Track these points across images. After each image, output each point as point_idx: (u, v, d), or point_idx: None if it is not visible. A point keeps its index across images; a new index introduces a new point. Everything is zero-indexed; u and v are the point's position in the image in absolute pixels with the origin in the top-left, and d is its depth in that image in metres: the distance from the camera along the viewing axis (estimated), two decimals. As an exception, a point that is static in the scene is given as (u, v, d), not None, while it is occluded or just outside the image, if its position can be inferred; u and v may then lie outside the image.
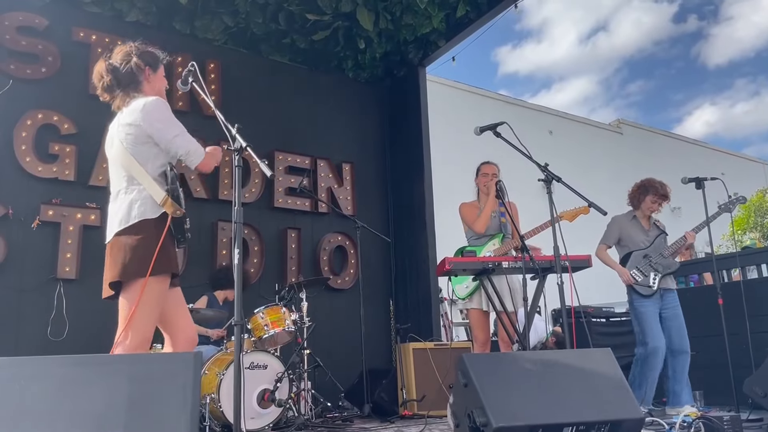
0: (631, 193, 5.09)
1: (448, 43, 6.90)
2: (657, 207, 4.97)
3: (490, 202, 4.59)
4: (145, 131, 2.77)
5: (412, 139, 6.99)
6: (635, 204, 5.04)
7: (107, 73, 2.93)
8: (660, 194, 4.93)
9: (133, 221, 2.71)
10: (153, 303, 2.65)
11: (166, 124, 2.80)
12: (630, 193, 5.10)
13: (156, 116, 2.79)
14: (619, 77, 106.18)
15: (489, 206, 4.60)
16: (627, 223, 5.01)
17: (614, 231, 5.02)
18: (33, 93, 5.25)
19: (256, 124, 5.74)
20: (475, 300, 4.50)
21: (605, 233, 5.07)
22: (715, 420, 3.10)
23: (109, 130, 2.97)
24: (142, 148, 2.78)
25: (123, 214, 2.74)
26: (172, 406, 1.49)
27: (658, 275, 4.78)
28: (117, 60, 2.96)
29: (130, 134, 2.79)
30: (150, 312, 2.65)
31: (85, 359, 1.60)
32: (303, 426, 4.40)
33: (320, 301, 5.88)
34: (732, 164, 21.11)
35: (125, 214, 2.74)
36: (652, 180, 5.01)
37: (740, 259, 5.71)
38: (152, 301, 2.64)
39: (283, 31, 6.53)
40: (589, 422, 2.35)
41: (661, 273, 4.78)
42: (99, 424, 1.46)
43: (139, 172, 2.75)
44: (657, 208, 4.98)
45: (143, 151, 2.78)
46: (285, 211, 6.43)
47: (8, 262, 4.89)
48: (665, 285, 4.81)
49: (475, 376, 2.38)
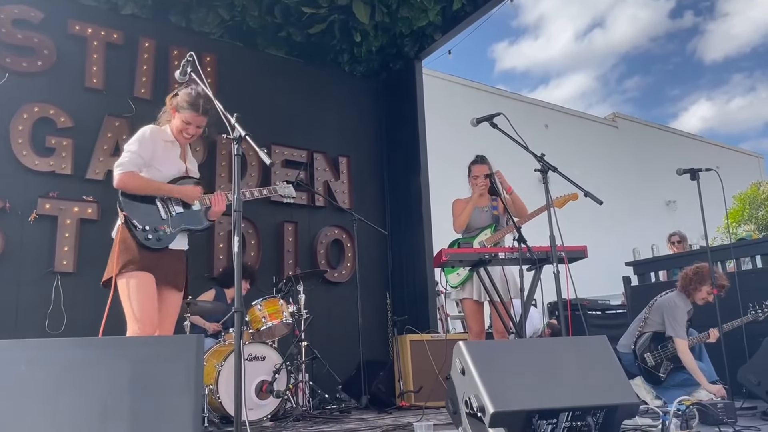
0: (686, 279, 4.77)
1: (444, 36, 6.91)
2: (712, 300, 4.56)
3: (471, 203, 4.62)
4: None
5: (408, 133, 7.00)
6: (689, 291, 4.74)
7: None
8: (719, 285, 4.55)
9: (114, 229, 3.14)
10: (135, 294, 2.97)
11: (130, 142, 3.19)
12: (685, 278, 4.78)
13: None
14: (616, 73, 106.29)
15: (469, 208, 4.63)
16: (686, 312, 4.69)
17: (681, 318, 4.66)
18: (29, 86, 5.25)
19: (252, 118, 5.68)
20: (467, 289, 4.52)
21: (680, 323, 4.65)
22: (709, 407, 3.13)
23: None
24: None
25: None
26: (175, 388, 1.51)
27: (670, 365, 4.63)
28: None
29: None
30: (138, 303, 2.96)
31: (89, 342, 1.62)
32: (301, 417, 4.42)
33: (317, 293, 5.90)
34: (727, 158, 21.17)
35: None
36: (710, 268, 4.63)
37: (735, 251, 5.75)
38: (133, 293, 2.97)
39: (278, 25, 6.53)
40: (584, 407, 2.38)
41: (673, 364, 4.63)
42: (103, 406, 1.48)
43: None
44: (711, 301, 4.57)
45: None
46: (282, 205, 6.43)
47: (6, 255, 4.90)
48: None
49: (472, 363, 2.40)
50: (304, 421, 4.35)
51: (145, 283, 3.00)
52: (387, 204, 7.21)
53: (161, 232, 3.09)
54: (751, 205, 19.26)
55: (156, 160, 3.17)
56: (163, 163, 3.20)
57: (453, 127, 10.52)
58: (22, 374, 1.47)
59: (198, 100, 3.17)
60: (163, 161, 3.20)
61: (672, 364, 4.63)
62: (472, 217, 4.69)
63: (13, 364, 1.48)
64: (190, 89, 3.22)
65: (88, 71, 5.54)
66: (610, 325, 6.80)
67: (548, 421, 2.36)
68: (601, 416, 2.42)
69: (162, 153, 3.20)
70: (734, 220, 18.90)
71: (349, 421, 4.32)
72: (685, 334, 4.61)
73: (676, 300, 4.76)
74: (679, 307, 4.70)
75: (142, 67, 5.82)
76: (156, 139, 3.18)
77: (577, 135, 17.50)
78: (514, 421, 2.30)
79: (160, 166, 3.18)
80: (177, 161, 3.29)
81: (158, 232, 3.08)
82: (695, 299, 4.73)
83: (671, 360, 4.64)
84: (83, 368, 1.51)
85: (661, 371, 4.64)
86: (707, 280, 4.61)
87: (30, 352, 1.54)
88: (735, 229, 18.24)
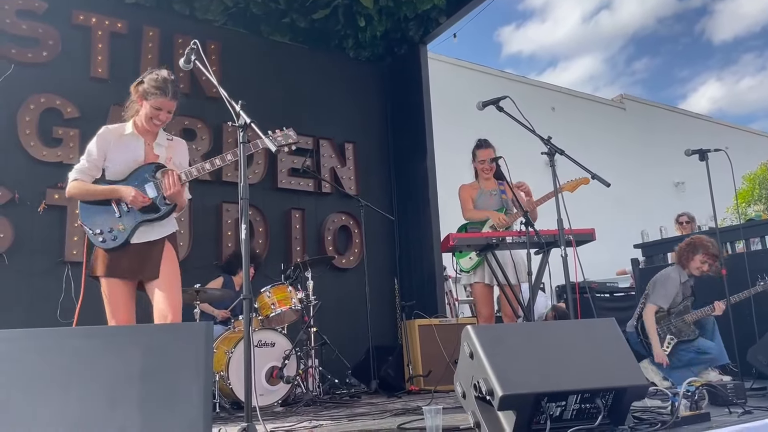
0: (679, 251, 4.86)
1: (449, 19, 6.86)
2: (707, 268, 4.69)
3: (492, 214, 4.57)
4: None
5: (414, 117, 6.98)
6: (683, 263, 4.81)
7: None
8: (710, 254, 4.66)
9: None
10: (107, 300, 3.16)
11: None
12: (678, 250, 4.88)
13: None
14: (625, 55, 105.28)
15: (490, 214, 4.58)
16: (682, 285, 4.76)
17: (671, 290, 4.74)
18: (35, 77, 5.26)
19: (257, 105, 5.71)
20: (479, 274, 4.52)
21: (660, 292, 4.76)
22: (719, 387, 3.13)
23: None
24: None
25: None
26: (185, 376, 1.53)
27: (673, 339, 4.65)
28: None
29: None
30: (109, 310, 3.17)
31: (98, 330, 1.64)
32: (311, 402, 4.46)
33: (326, 280, 5.93)
34: (737, 138, 20.95)
35: None
36: (702, 238, 4.80)
37: (744, 231, 5.72)
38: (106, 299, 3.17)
39: (282, 11, 6.50)
40: (593, 389, 2.38)
41: (676, 338, 4.64)
42: (113, 394, 1.49)
43: None
44: (707, 270, 4.69)
45: None
46: (288, 192, 6.45)
47: (16, 246, 4.94)
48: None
49: (481, 347, 2.41)
50: (315, 406, 4.38)
51: (113, 287, 3.14)
52: (393, 189, 7.20)
53: (116, 231, 3.14)
54: (760, 185, 19.10)
55: (109, 157, 3.22)
56: (115, 158, 3.23)
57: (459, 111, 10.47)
58: (33, 363, 1.49)
59: (166, 84, 3.16)
60: (115, 155, 3.23)
61: (675, 338, 4.64)
62: (481, 201, 4.68)
63: (23, 353, 1.50)
64: (155, 74, 3.20)
65: (93, 61, 5.54)
66: (619, 308, 6.79)
67: (557, 403, 2.36)
68: (610, 398, 2.43)
69: (114, 148, 3.23)
70: (744, 200, 18.77)
71: (359, 406, 4.35)
72: (660, 301, 4.69)
73: (670, 272, 4.84)
74: (670, 278, 4.76)
75: (147, 56, 5.81)
76: (106, 139, 3.23)
77: (584, 117, 17.36)
78: (523, 403, 2.30)
79: (112, 161, 3.22)
80: (133, 152, 3.26)
81: (113, 232, 3.14)
82: (690, 270, 4.78)
83: (674, 334, 4.66)
84: (93, 356, 1.53)
85: (664, 346, 4.66)
86: (699, 249, 4.70)
87: (40, 341, 1.56)
88: (744, 210, 18.13)
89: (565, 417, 2.40)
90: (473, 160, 4.79)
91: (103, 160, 3.20)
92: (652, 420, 2.60)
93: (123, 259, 3.14)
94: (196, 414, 1.48)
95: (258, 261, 5.67)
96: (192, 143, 5.84)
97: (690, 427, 2.47)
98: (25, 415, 1.46)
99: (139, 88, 3.22)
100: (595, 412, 2.41)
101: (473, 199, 4.71)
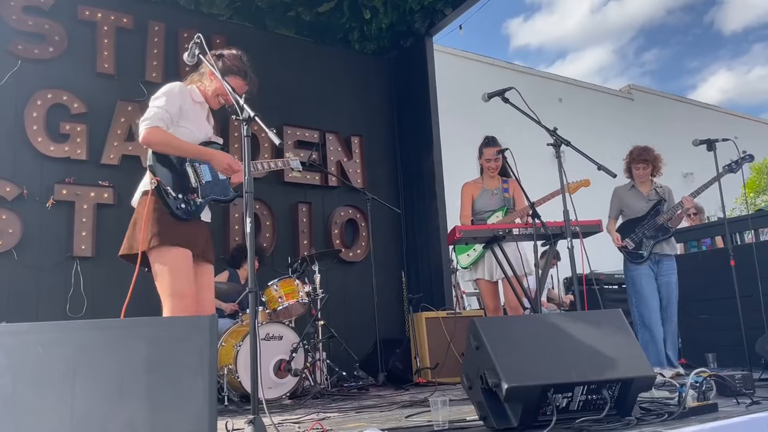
0: (624, 165, 5.17)
1: (455, 11, 6.82)
2: (643, 172, 4.99)
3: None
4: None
5: (420, 110, 6.96)
6: (629, 174, 5.13)
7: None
8: (635, 159, 4.99)
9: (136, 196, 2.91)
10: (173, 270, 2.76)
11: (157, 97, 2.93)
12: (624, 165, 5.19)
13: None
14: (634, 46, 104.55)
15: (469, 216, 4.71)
16: (626, 193, 5.09)
17: (614, 203, 5.14)
18: (41, 73, 5.28)
19: (264, 99, 5.71)
20: (479, 270, 4.53)
21: (610, 208, 5.17)
22: (727, 378, 3.12)
23: None
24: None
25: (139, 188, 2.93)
26: (190, 369, 1.54)
27: (650, 242, 4.83)
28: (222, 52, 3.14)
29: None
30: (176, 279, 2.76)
31: (103, 323, 1.65)
32: (319, 395, 4.48)
33: (333, 273, 5.94)
34: (745, 128, 20.77)
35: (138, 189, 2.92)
36: (633, 147, 5.11)
37: (753, 222, 5.68)
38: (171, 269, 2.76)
39: (287, 4, 6.49)
40: (600, 381, 2.38)
41: (653, 240, 4.83)
42: (120, 387, 1.51)
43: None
44: (645, 174, 5.00)
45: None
46: (295, 186, 6.46)
47: (25, 241, 4.97)
48: (661, 251, 4.86)
49: (487, 339, 2.41)
50: (323, 399, 4.40)
51: (182, 258, 2.78)
52: (400, 182, 7.20)
53: (192, 201, 2.84)
54: (768, 174, 18.96)
55: (184, 118, 2.91)
56: (193, 123, 2.95)
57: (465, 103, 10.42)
58: (40, 356, 1.51)
59: (246, 68, 3.06)
60: (192, 120, 2.95)
61: (652, 240, 4.83)
62: (483, 199, 4.69)
63: (30, 346, 1.52)
64: (239, 53, 3.07)
65: (100, 56, 5.56)
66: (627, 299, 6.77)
67: (563, 394, 2.36)
68: (617, 389, 2.43)
69: (191, 112, 2.96)
70: (752, 190, 18.62)
71: (367, 398, 4.36)
72: (611, 214, 5.12)
73: (616, 189, 5.15)
74: (614, 193, 5.14)
75: (153, 50, 5.82)
76: (185, 96, 2.95)
77: (592, 108, 17.26)
78: (529, 395, 2.31)
79: (189, 125, 2.93)
80: (205, 124, 3.05)
81: (190, 202, 2.83)
82: (637, 178, 5.04)
83: (651, 237, 4.84)
84: (99, 349, 1.54)
85: (643, 249, 4.85)
86: (631, 157, 5.03)
87: (46, 334, 1.57)
88: (753, 200, 17.99)
89: (572, 408, 2.40)
90: (479, 157, 4.78)
91: (176, 116, 2.87)
92: (659, 411, 2.59)
93: (197, 234, 2.90)
94: (201, 406, 1.50)
95: (262, 254, 5.68)
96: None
97: (697, 418, 2.46)
98: (32, 408, 1.48)
99: (218, 63, 2.98)
100: (602, 403, 2.41)
101: (474, 197, 4.72)
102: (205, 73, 3.09)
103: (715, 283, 5.10)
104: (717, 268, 5.11)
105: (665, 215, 4.85)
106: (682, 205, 4.79)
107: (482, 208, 4.69)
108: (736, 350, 4.59)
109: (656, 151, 5.06)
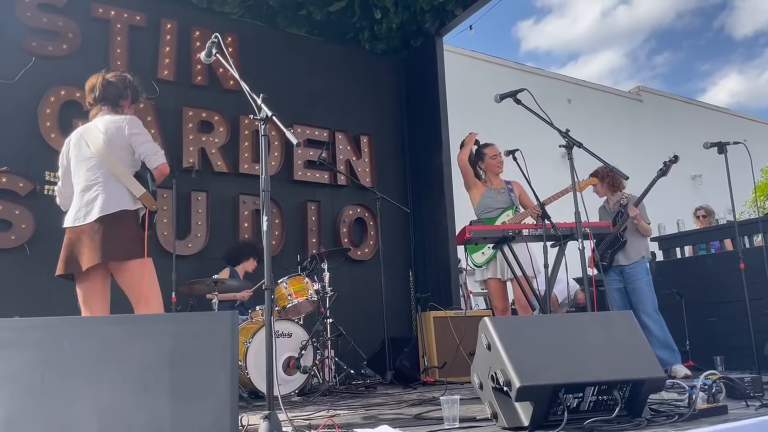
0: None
1: (466, 11, 6.83)
2: (600, 189, 5.33)
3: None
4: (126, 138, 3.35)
5: (430, 110, 6.97)
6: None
7: (101, 86, 3.54)
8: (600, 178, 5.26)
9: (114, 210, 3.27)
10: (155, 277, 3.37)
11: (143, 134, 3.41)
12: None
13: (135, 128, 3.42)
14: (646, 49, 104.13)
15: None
16: (600, 209, 5.42)
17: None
18: (55, 70, 5.32)
19: (274, 97, 5.67)
20: (492, 269, 4.55)
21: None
22: (737, 381, 3.12)
23: (82, 134, 3.53)
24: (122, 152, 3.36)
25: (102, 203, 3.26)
26: (212, 364, 1.57)
27: (608, 252, 5.08)
28: (113, 79, 3.58)
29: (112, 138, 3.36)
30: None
31: (128, 318, 1.69)
32: (328, 392, 4.50)
33: (342, 271, 5.96)
34: (756, 131, 20.64)
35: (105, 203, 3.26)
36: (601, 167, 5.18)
37: (763, 225, 5.66)
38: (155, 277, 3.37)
39: (299, 3, 6.51)
40: (611, 381, 2.39)
41: (610, 251, 5.08)
42: (144, 380, 1.54)
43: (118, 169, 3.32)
44: (602, 191, 5.35)
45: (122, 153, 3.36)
46: (304, 184, 6.49)
47: (38, 236, 5.02)
48: (617, 262, 5.08)
49: (498, 338, 2.42)
50: (331, 396, 4.42)
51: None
52: (409, 181, 7.21)
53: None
54: (778, 178, 18.81)
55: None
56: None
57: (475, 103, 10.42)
58: (67, 350, 1.54)
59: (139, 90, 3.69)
60: None
61: (609, 251, 5.11)
62: (490, 198, 4.71)
63: (59, 339, 1.55)
64: (125, 75, 3.65)
65: (113, 54, 5.59)
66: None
67: (574, 395, 2.38)
68: (628, 390, 2.44)
69: None
70: (762, 193, 18.52)
71: (374, 396, 4.38)
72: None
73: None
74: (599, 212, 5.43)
75: (165, 48, 5.86)
76: None
77: (601, 110, 17.20)
78: (540, 395, 2.32)
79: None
80: None
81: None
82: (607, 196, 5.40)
83: (608, 248, 5.11)
84: (124, 344, 1.57)
85: (605, 260, 5.13)
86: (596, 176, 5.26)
87: (74, 328, 1.61)
88: (763, 203, 17.91)
89: (583, 408, 2.42)
90: (481, 160, 4.80)
91: None
92: (669, 412, 2.59)
93: None
94: (223, 400, 1.52)
95: (262, 254, 5.69)
96: (209, 135, 5.89)
97: (707, 420, 2.47)
98: (60, 400, 1.51)
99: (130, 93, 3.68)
100: (613, 404, 2.42)
101: (481, 194, 4.74)
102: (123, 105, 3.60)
103: (723, 285, 5.10)
104: (725, 271, 5.10)
105: (618, 227, 5.03)
106: (627, 215, 5.01)
107: (489, 206, 4.71)
108: (744, 353, 4.59)
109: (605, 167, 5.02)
